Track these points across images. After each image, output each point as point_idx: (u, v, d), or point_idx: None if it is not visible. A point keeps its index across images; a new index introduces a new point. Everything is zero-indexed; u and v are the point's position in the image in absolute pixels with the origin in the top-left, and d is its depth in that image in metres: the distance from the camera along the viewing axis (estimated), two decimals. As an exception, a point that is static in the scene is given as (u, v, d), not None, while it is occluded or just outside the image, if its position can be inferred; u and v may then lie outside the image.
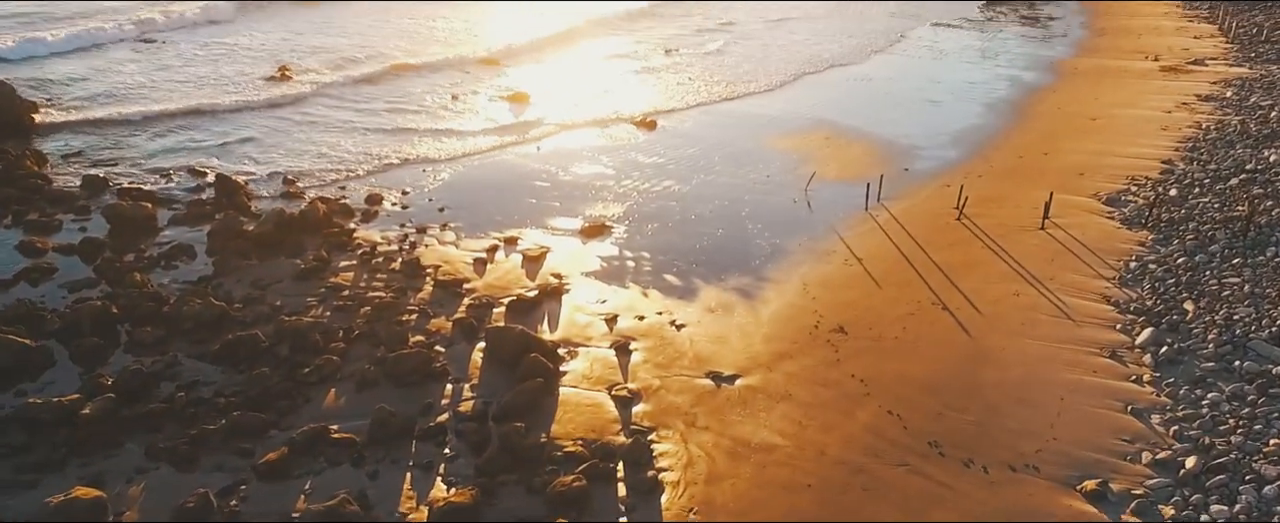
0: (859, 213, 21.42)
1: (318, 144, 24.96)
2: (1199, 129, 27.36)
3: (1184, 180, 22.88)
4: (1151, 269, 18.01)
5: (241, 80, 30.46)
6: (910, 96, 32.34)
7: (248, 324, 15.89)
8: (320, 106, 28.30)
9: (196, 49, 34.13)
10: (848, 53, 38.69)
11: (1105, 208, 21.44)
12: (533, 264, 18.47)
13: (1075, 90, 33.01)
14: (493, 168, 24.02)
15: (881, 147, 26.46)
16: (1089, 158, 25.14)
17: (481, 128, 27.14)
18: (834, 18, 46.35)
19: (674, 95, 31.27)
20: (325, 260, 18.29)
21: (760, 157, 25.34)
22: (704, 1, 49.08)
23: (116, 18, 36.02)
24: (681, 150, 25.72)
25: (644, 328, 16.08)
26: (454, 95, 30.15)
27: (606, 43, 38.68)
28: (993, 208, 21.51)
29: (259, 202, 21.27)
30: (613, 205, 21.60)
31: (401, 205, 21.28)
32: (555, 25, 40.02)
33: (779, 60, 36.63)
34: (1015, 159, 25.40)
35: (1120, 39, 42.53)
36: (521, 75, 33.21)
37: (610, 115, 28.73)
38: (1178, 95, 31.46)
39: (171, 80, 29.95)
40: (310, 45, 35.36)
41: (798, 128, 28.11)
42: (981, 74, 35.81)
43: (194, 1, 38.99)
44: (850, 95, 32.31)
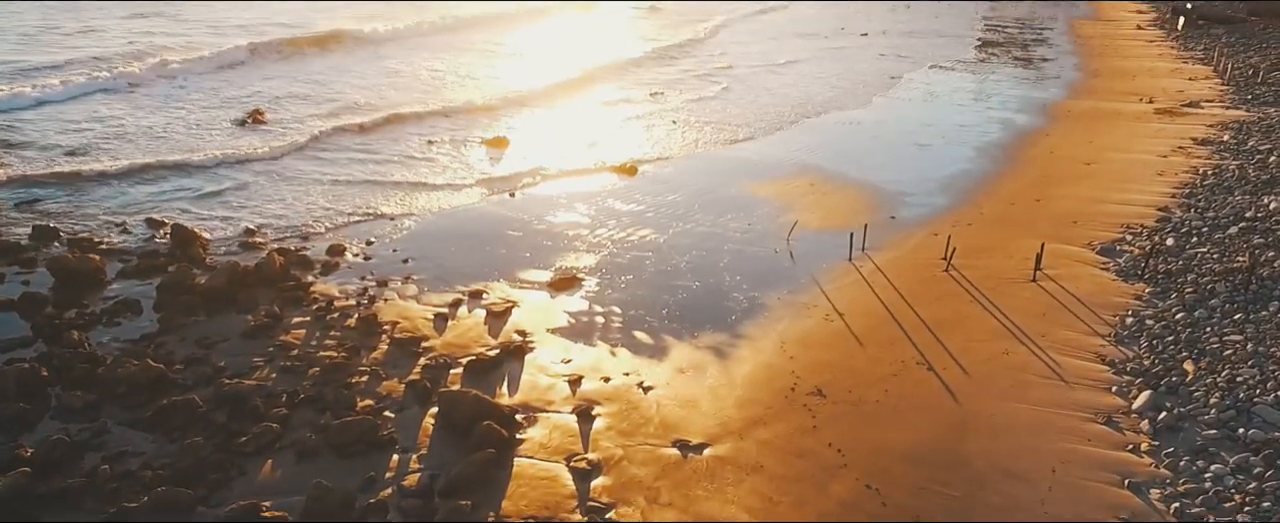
0: (842, 264, 20.60)
1: (286, 194, 24.17)
2: (1196, 174, 26.66)
3: (1181, 229, 22.09)
4: (1149, 325, 17.15)
5: (220, 128, 29.75)
6: (899, 140, 31.70)
7: (186, 387, 14.99)
8: (295, 155, 27.54)
9: (190, 95, 33.40)
10: (840, 96, 38.14)
11: (1099, 258, 20.62)
12: (497, 320, 17.60)
13: (1068, 133, 32.39)
14: (463, 216, 23.24)
15: (868, 193, 25.72)
16: (1082, 205, 24.38)
17: (455, 173, 26.40)
18: (832, 61, 45.90)
19: (658, 140, 30.62)
20: (277, 317, 17.41)
21: (742, 203, 24.58)
22: (704, 46, 48.64)
23: (110, 66, 35.12)
24: (661, 197, 24.97)
25: (609, 391, 15.16)
26: (429, 141, 29.45)
27: (598, 88, 37.94)
28: (982, 258, 20.70)
29: (216, 253, 20.44)
30: (585, 256, 20.78)
31: (364, 256, 20.44)
32: (556, 74, 39.16)
33: (770, 105, 36.08)
34: (1006, 206, 24.64)
35: (1114, 80, 42.06)
36: (505, 120, 32.52)
37: (591, 160, 28.04)
38: (1173, 139, 30.82)
39: (154, 129, 29.17)
40: (301, 92, 34.74)
41: (782, 173, 27.40)
42: (973, 116, 35.23)
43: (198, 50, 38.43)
44: (838, 139, 31.66)
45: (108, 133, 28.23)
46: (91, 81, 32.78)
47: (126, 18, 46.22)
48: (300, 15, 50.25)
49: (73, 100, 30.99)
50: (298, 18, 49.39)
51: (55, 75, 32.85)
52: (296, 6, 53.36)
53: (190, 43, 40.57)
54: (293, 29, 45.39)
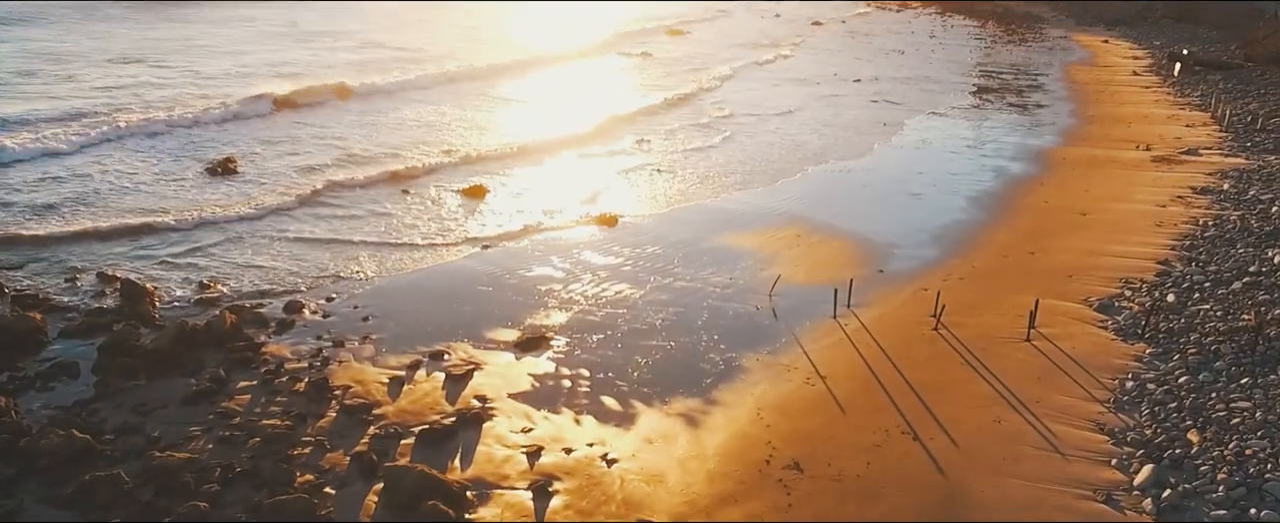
0: (826, 321, 19.66)
1: (248, 248, 23.22)
2: (1196, 225, 25.83)
3: (1182, 284, 21.20)
4: (1150, 390, 16.16)
5: (189, 177, 28.95)
6: (890, 189, 30.92)
7: (114, 460, 13.97)
8: (263, 206, 26.64)
9: (164, 142, 32.51)
10: (830, 144, 37.47)
11: (1097, 315, 19.69)
12: (456, 384, 16.61)
13: (1064, 182, 31.63)
14: (432, 270, 22.32)
15: (856, 245, 24.86)
16: (1079, 257, 23.51)
17: (427, 225, 25.50)
18: (824, 108, 45.31)
19: (643, 190, 29.82)
20: (222, 381, 16.43)
21: (724, 256, 23.69)
22: (707, 95, 48.09)
23: (85, 119, 34.12)
24: (640, 249, 24.09)
25: (571, 464, 14.13)
26: (405, 191, 28.61)
27: (585, 137, 37.06)
28: (974, 316, 19.76)
29: (168, 310, 19.49)
30: (556, 313, 19.83)
31: (323, 314, 19.48)
32: (545, 125, 38.11)
33: (758, 153, 35.39)
34: (999, 259, 23.76)
35: (1110, 127, 41.45)
36: (486, 170, 31.64)
37: (570, 211, 27.17)
38: (1172, 188, 30.05)
39: (120, 177, 28.31)
40: (277, 140, 34.01)
41: (768, 224, 26.56)
42: (966, 164, 34.51)
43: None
44: (827, 188, 30.89)
45: (73, 184, 27.34)
46: (63, 135, 31.61)
47: (110, 63, 45.71)
48: (286, 65, 49.86)
49: (45, 157, 29.73)
50: (283, 68, 48.96)
51: (25, 131, 31.80)
52: (281, 58, 53.03)
53: (171, 96, 39.94)
54: (277, 78, 44.89)
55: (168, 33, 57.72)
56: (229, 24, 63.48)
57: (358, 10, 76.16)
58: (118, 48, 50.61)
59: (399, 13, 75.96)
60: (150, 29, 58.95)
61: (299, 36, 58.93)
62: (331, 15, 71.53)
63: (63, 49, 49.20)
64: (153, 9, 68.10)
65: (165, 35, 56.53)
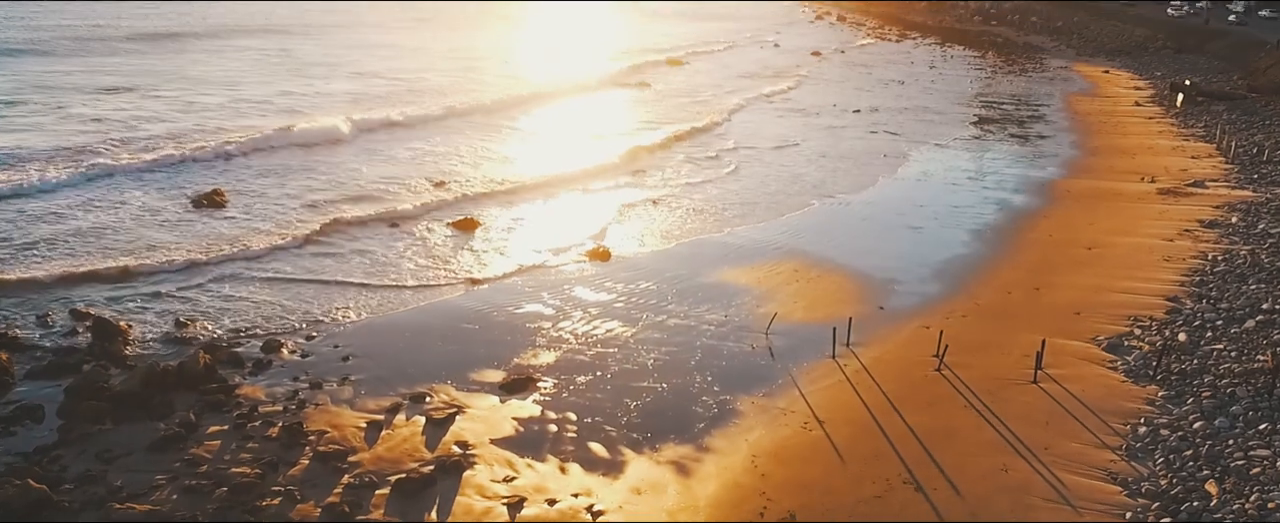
0: (825, 361, 18.99)
1: (228, 282, 22.63)
2: (1205, 260, 25.23)
3: (1193, 322, 20.55)
4: (1164, 436, 15.47)
5: (173, 211, 28.40)
6: (891, 222, 30.35)
7: (72, 512, 13.27)
8: (248, 240, 26.06)
9: (151, 176, 31.86)
10: (829, 176, 36.95)
11: (1106, 356, 19.02)
12: (437, 429, 15.93)
13: (1068, 215, 31.05)
14: (417, 306, 21.69)
15: (856, 280, 24.24)
16: (1086, 294, 22.88)
17: (415, 260, 24.88)
18: (823, 139, 44.88)
19: (637, 223, 29.21)
20: (192, 425, 15.77)
21: (720, 292, 23.06)
22: (704, 127, 47.69)
23: (75, 153, 33.26)
24: (633, 285, 23.46)
25: (553, 516, 13.44)
26: (393, 224, 28.01)
27: (583, 170, 36.33)
28: (978, 356, 19.09)
29: (142, 349, 18.84)
30: (544, 353, 19.18)
31: (302, 353, 18.83)
32: (544, 160, 37.14)
33: (755, 184, 34.89)
34: (1003, 295, 23.12)
35: (1113, 159, 40.96)
36: (481, 204, 31.04)
37: (562, 245, 26.56)
38: (1179, 221, 29.46)
39: (102, 211, 27.70)
40: (268, 171, 33.49)
41: (766, 258, 25.96)
42: (968, 197, 33.96)
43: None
44: (826, 221, 30.32)
45: (55, 221, 26.73)
46: (47, 171, 30.85)
47: (101, 92, 45.29)
48: (280, 98, 49.49)
49: (27, 194, 28.78)
50: (277, 101, 48.58)
51: (5, 168, 31.07)
52: (275, 90, 52.70)
53: (160, 131, 39.48)
54: (272, 113, 44.46)
55: (162, 62, 57.43)
56: (223, 53, 63.19)
57: (355, 39, 76.04)
58: (110, 79, 50.24)
59: (396, 42, 75.82)
60: (143, 58, 58.66)
61: (294, 67, 58.57)
62: (328, 45, 71.34)
63: (54, 78, 48.76)
64: (149, 38, 67.90)
65: (159, 66, 56.21)
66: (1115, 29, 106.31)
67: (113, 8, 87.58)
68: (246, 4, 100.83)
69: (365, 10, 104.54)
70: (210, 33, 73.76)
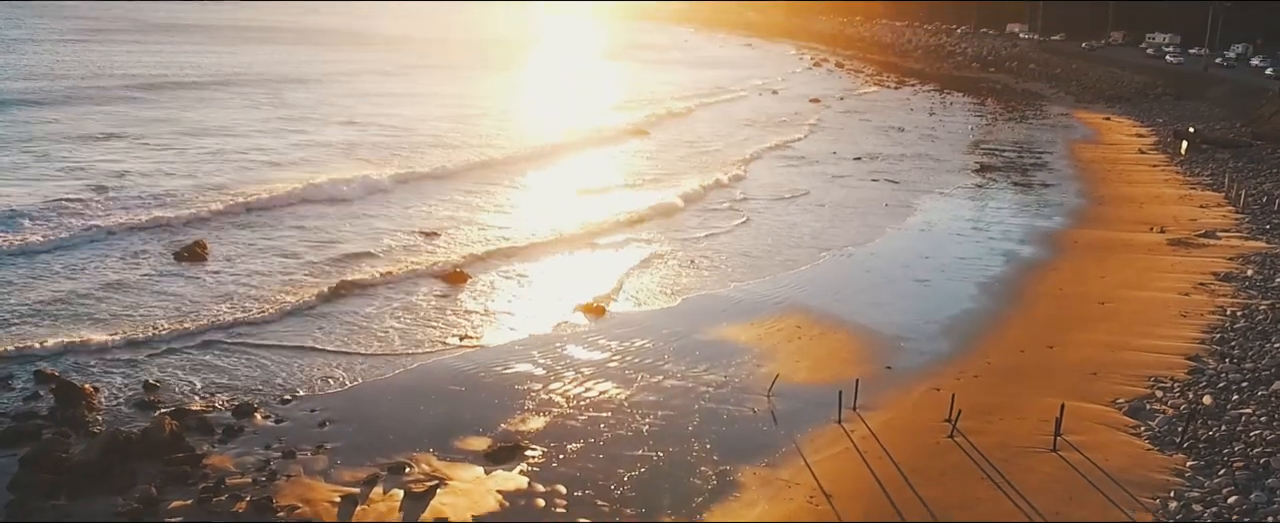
0: (831, 427, 18.03)
1: (199, 340, 21.64)
2: (1224, 315, 24.37)
3: (1218, 383, 19.62)
4: (1197, 512, 14.49)
5: (153, 264, 27.52)
6: (895, 274, 29.53)
7: (14, 602, 12.23)
8: (226, 295, 25.18)
9: (133, 230, 30.93)
10: (830, 226, 36.21)
11: (1128, 420, 18.08)
12: (416, 503, 14.94)
13: (1078, 267, 30.24)
14: (400, 366, 20.73)
15: (861, 337, 23.35)
16: (1102, 352, 21.97)
17: (401, 317, 23.96)
18: (825, 188, 44.22)
19: (630, 277, 28.33)
20: (153, 500, 14.75)
21: (719, 351, 22.15)
22: (698, 176, 47.09)
23: (87, 205, 32.34)
24: (629, 343, 22.55)
25: (539, 605, 12.39)
26: (384, 272, 27.14)
27: (577, 220, 35.34)
28: (993, 420, 18.13)
29: (107, 414, 17.87)
30: (533, 418, 18.22)
31: (276, 418, 17.85)
32: (540, 217, 35.12)
33: (756, 236, 34.05)
34: (1016, 354, 22.21)
35: (1121, 208, 40.28)
36: (470, 263, 30.15)
37: (556, 300, 25.68)
38: (1193, 273, 28.65)
39: (77, 262, 26.84)
40: (251, 224, 32.65)
41: (766, 313, 25.10)
42: (974, 248, 33.17)
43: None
44: (828, 274, 29.51)
45: (32, 278, 25.81)
46: (26, 230, 29.81)
47: (87, 140, 44.65)
48: (270, 149, 48.92)
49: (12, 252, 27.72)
50: (266, 153, 47.98)
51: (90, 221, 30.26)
52: (265, 142, 52.17)
53: (144, 186, 38.79)
54: (260, 165, 43.75)
55: (154, 111, 56.94)
56: (212, 104, 62.69)
57: (349, 86, 75.83)
58: (98, 126, 49.66)
59: (392, 91, 75.59)
60: (134, 105, 58.17)
61: (287, 116, 57.87)
62: (323, 92, 71.04)
63: (39, 127, 48.07)
64: (142, 86, 67.55)
65: (148, 114, 55.71)
66: (1114, 76, 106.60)
67: (105, 56, 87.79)
68: (242, 52, 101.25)
69: (362, 57, 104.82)
70: (204, 82, 73.41)
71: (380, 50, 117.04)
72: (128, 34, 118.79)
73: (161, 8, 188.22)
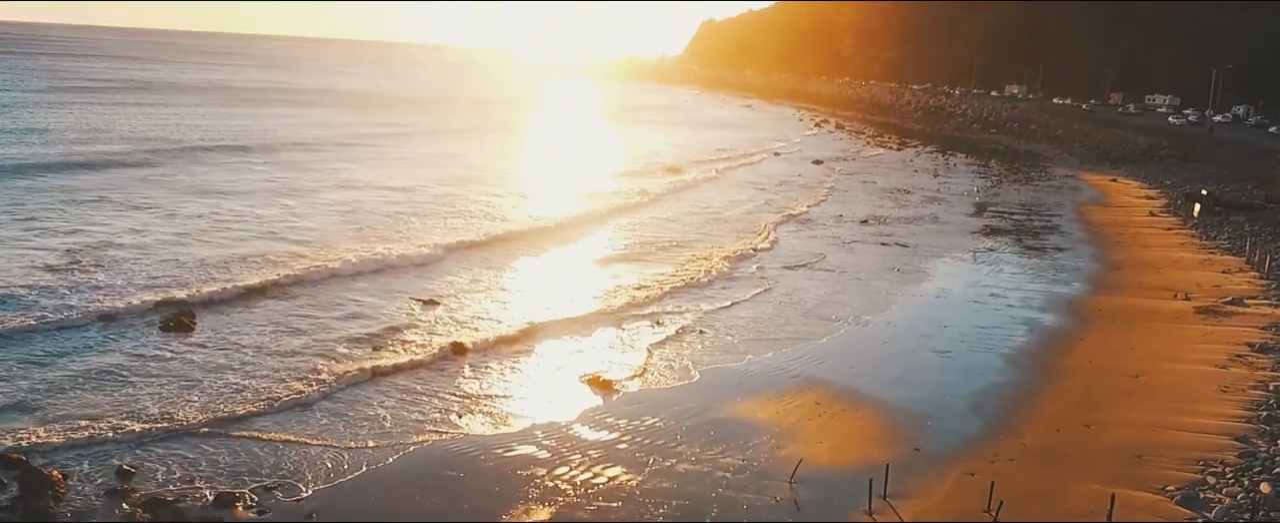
0: (861, 519, 16.72)
1: (191, 438, 20.02)
2: (1266, 390, 23.23)
3: (1273, 468, 18.38)
4: (1274, 620, 13.15)
5: (137, 334, 26.33)
6: (915, 345, 28.43)
7: None
8: (216, 372, 23.94)
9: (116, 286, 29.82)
10: (843, 294, 35.14)
11: (1183, 511, 16.83)
12: (410, 611, 13.58)
13: (1105, 337, 29.14)
14: (398, 450, 19.42)
15: (885, 414, 22.15)
16: (1143, 432, 20.77)
17: (400, 393, 22.70)
18: (842, 253, 43.26)
19: (640, 349, 27.16)
20: (118, 606, 13.40)
21: (737, 430, 20.92)
22: (716, 253, 46.18)
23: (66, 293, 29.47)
24: (639, 421, 21.32)
25: None
26: (377, 348, 25.95)
27: (581, 286, 34.38)
28: (1036, 510, 16.88)
29: (75, 505, 16.55)
30: (536, 509, 16.95)
31: (258, 510, 16.55)
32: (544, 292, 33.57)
33: (767, 305, 32.95)
34: (1051, 432, 21.00)
35: (1141, 273, 39.30)
36: (472, 340, 29.01)
37: (560, 375, 24.50)
38: (1227, 345, 27.55)
39: (74, 368, 24.90)
40: (243, 321, 31.37)
41: (784, 387, 23.94)
42: (994, 316, 32.10)
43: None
44: (846, 344, 28.40)
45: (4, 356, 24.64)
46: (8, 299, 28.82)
47: (84, 203, 43.76)
48: (261, 224, 47.97)
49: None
50: (256, 234, 47.00)
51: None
52: (252, 226, 51.22)
53: (124, 261, 37.58)
54: (240, 239, 42.67)
55: (143, 174, 56.21)
56: (206, 167, 62.04)
57: (347, 150, 75.33)
58: (89, 188, 48.81)
59: (392, 152, 75.12)
60: (124, 170, 57.45)
61: (282, 181, 56.73)
62: (320, 156, 70.45)
63: (27, 194, 47.10)
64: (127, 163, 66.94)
65: (140, 177, 54.99)
66: (1118, 137, 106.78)
67: (100, 117, 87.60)
68: (238, 115, 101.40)
69: (360, 120, 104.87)
70: (197, 149, 72.76)
71: (378, 112, 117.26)
72: (110, 93, 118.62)
73: (135, 67, 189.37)
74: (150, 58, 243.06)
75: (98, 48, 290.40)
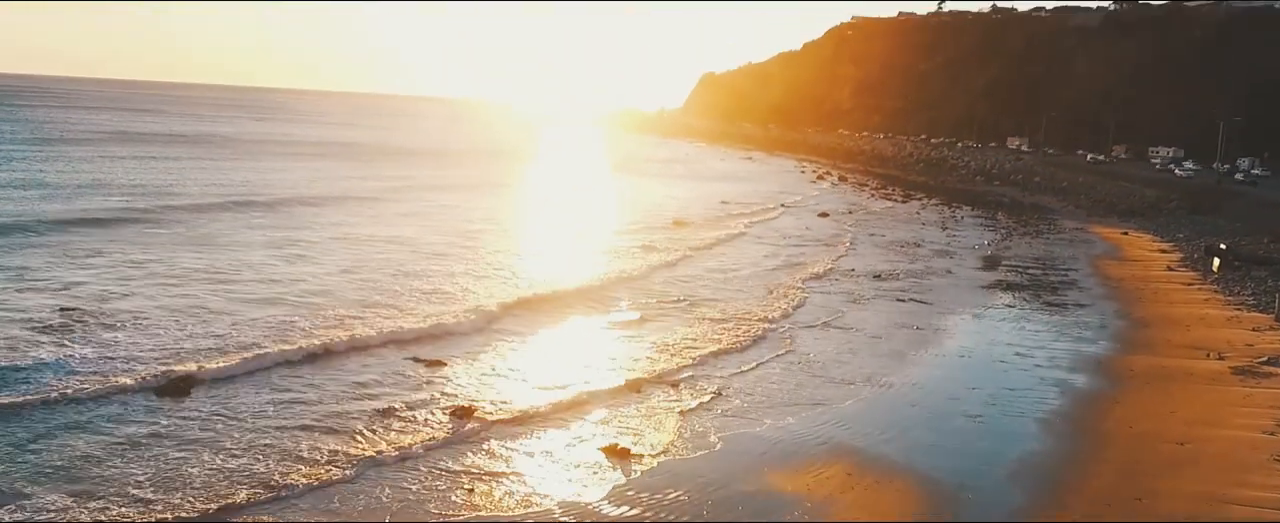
0: (910, 607, 15.62)
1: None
2: (1322, 460, 22.14)
3: (1345, 547, 17.30)
4: None
5: (130, 401, 25.29)
6: (944, 408, 27.43)
7: None
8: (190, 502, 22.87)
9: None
10: (865, 352, 34.18)
11: (1255, 596, 15.69)
12: None
13: (1142, 400, 28.15)
14: (405, 528, 18.34)
15: (921, 486, 21.09)
16: (1198, 505, 19.73)
17: (410, 473, 21.65)
18: (859, 310, 42.43)
19: (659, 414, 26.11)
20: None
21: (764, 504, 19.88)
22: (732, 312, 45.35)
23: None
24: (661, 495, 20.25)
25: None
26: (385, 420, 24.81)
27: (597, 359, 33.37)
28: (1097, 597, 15.74)
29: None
30: (561, 596, 15.79)
31: (260, 599, 15.42)
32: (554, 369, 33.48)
33: (786, 367, 31.99)
34: (1102, 508, 19.93)
35: (1168, 331, 38.38)
36: (482, 421, 28.00)
37: (575, 444, 23.43)
38: (1271, 408, 26.59)
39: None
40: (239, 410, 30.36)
41: (812, 456, 22.89)
42: (1022, 377, 31.13)
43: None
44: (872, 408, 27.39)
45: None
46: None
47: (78, 258, 43.00)
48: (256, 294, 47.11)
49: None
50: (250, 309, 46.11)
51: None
52: (243, 302, 50.34)
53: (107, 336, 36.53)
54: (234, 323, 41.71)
55: (145, 230, 55.48)
56: (206, 223, 61.35)
57: (350, 207, 74.73)
58: (84, 244, 48.00)
59: (396, 209, 74.57)
60: (125, 226, 56.68)
61: (281, 245, 56.27)
62: (324, 213, 69.83)
63: (24, 243, 46.31)
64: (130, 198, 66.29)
65: (142, 233, 54.25)
66: (1125, 190, 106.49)
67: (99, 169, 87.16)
68: (240, 169, 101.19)
69: (360, 171, 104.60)
70: (192, 209, 72.21)
71: (383, 164, 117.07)
72: (107, 145, 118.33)
73: (130, 119, 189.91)
74: (152, 109, 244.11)
75: (96, 99, 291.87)
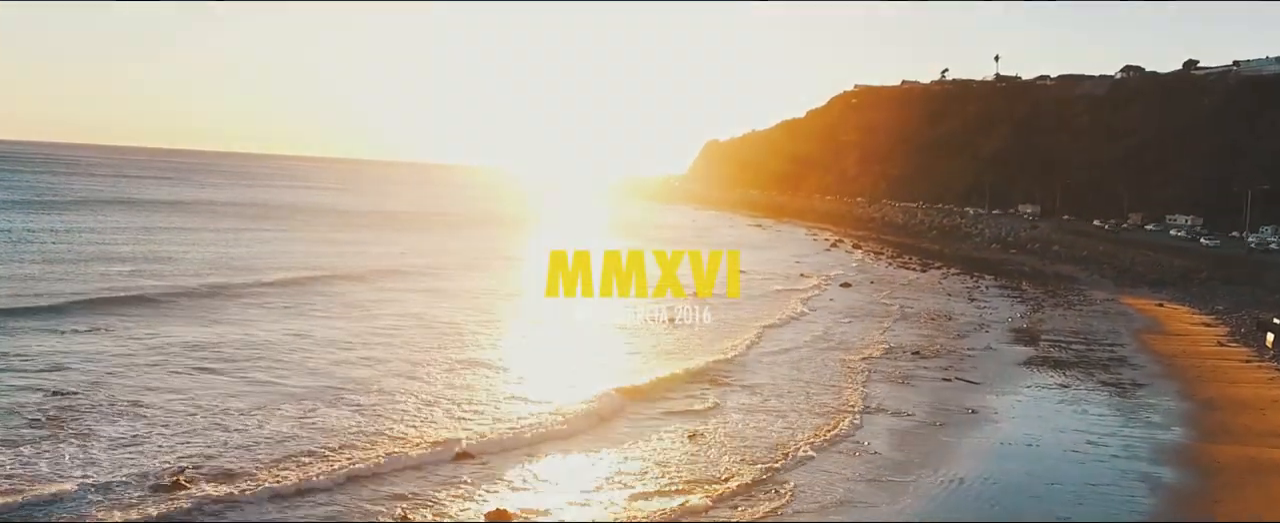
0: None
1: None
2: None
3: None
4: None
5: (131, 497, 23.04)
6: (1028, 509, 25.19)
7: None
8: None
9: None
10: (925, 446, 31.82)
11: None
12: None
13: (1244, 498, 25.86)
14: None
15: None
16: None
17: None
18: (904, 391, 40.19)
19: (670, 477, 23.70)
20: None
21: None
22: (769, 403, 43.10)
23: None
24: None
25: None
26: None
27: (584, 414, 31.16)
28: None
29: None
30: None
31: None
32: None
33: (841, 461, 29.68)
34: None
35: (1243, 415, 36.07)
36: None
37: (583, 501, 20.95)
38: (1392, 509, 24.14)
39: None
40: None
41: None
42: (1101, 470, 28.81)
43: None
44: (949, 509, 25.17)
45: None
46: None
47: (70, 341, 40.89)
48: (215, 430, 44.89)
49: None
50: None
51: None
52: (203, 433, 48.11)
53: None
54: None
55: (128, 312, 53.42)
56: (200, 307, 59.30)
57: (350, 286, 72.79)
58: (73, 323, 45.93)
59: (367, 300, 72.60)
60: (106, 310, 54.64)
61: (300, 334, 54.31)
62: (329, 295, 67.82)
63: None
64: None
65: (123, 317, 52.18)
66: (1150, 259, 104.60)
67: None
68: (234, 241, 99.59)
69: (360, 237, 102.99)
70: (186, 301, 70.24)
71: (382, 230, 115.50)
72: (110, 212, 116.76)
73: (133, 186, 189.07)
74: (156, 176, 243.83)
75: (101, 166, 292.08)
